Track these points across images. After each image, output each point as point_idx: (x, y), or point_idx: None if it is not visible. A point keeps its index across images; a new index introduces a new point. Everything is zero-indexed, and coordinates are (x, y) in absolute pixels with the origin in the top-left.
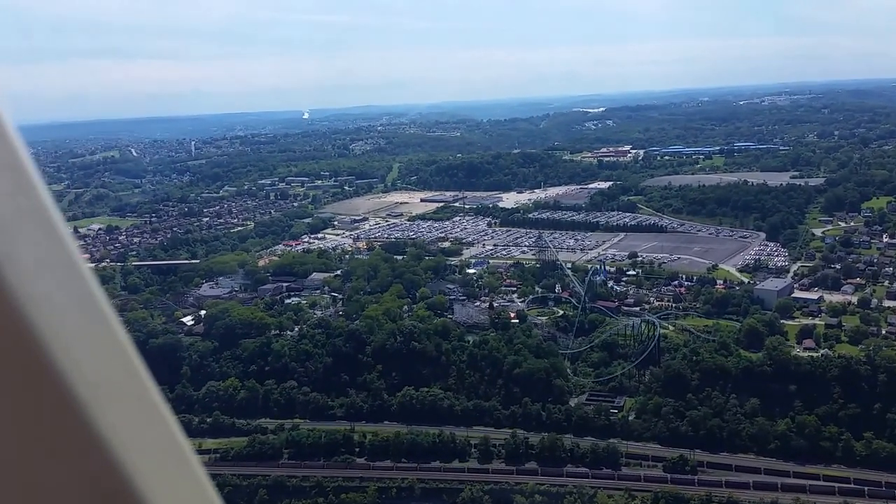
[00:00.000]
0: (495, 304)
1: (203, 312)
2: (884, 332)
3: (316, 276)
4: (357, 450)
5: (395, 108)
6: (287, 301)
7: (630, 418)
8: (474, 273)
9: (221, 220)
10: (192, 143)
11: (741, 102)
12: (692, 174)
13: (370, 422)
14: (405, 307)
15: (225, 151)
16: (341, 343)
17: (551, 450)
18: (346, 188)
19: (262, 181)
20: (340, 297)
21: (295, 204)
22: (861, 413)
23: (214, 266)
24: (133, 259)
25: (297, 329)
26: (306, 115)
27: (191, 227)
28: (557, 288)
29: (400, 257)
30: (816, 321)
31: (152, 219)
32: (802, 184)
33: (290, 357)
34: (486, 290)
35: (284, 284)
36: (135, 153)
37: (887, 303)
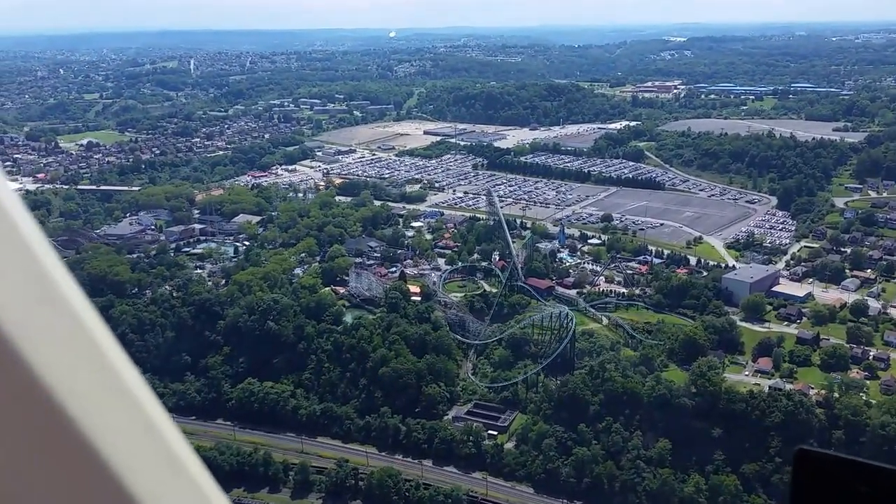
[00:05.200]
0: (409, 273)
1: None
2: (872, 354)
3: (241, 218)
4: None
5: (482, 30)
6: (187, 249)
7: (507, 446)
8: (420, 227)
9: (210, 143)
10: (249, 57)
11: (833, 39)
12: (724, 118)
13: (201, 419)
14: (296, 270)
15: (279, 67)
16: (189, 315)
17: (381, 487)
18: (356, 114)
19: (274, 101)
20: (247, 246)
21: (293, 129)
22: None
23: (145, 198)
24: (85, 182)
25: (160, 290)
26: (393, 34)
27: (167, 149)
28: (495, 256)
29: (349, 199)
30: (790, 329)
31: (148, 136)
32: (838, 139)
33: (130, 327)
34: (415, 252)
35: (198, 227)
36: (192, 65)
37: (894, 309)
